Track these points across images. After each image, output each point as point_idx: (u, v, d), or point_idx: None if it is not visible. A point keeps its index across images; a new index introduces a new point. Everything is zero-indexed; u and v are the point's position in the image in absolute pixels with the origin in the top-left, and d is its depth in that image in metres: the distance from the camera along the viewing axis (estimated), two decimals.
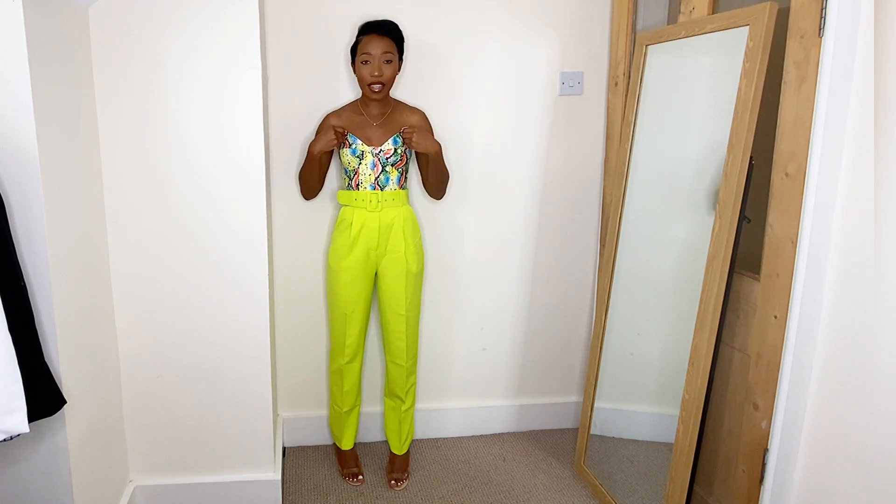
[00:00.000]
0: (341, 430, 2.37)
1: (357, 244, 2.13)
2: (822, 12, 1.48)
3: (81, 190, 1.70)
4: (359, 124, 2.12)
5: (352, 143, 2.09)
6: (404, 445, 2.36)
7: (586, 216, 2.55)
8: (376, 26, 2.05)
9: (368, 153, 2.09)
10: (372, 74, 2.02)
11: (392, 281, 2.17)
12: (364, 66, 2.03)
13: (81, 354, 1.68)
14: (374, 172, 2.10)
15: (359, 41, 2.05)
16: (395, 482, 2.27)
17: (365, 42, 2.03)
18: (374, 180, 2.10)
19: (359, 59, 2.04)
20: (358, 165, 2.10)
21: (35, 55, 1.41)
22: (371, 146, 2.09)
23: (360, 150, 2.09)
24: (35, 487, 1.60)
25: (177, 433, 2.02)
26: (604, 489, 2.15)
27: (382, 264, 2.17)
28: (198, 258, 1.93)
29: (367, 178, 2.10)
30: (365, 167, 2.09)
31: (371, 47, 2.02)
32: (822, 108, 1.48)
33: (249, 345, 2.00)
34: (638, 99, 2.11)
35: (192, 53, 1.81)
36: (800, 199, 1.56)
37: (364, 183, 2.10)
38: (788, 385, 1.60)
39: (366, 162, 2.09)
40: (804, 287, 1.55)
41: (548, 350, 2.65)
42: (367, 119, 2.13)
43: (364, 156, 2.09)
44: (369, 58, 2.02)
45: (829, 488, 1.49)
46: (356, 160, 2.09)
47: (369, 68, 2.02)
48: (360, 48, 2.04)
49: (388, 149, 2.09)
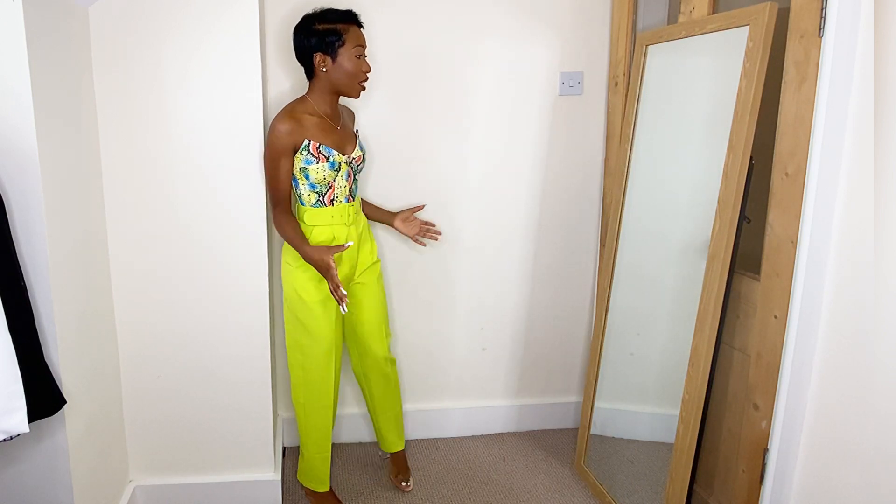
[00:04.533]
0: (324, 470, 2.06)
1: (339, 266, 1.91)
2: (822, 12, 1.48)
3: (81, 190, 1.70)
4: (325, 130, 1.86)
5: (328, 156, 1.83)
6: (399, 440, 2.22)
7: (586, 216, 2.55)
8: (355, 16, 1.84)
9: (343, 163, 1.87)
10: (367, 70, 1.85)
11: (371, 292, 2.04)
12: (359, 59, 1.82)
13: (81, 354, 1.68)
14: (347, 183, 1.91)
15: (342, 30, 1.80)
16: (405, 484, 2.17)
17: (355, 33, 1.82)
18: (348, 192, 1.92)
19: (350, 52, 1.80)
20: (334, 179, 1.87)
21: (35, 55, 1.41)
22: (345, 155, 1.88)
23: (337, 161, 1.85)
24: (35, 487, 1.60)
25: (177, 433, 2.03)
26: (604, 489, 2.15)
27: (358, 279, 2.01)
28: (198, 258, 1.93)
29: (342, 191, 1.89)
30: (341, 179, 1.88)
31: (362, 39, 1.83)
32: (822, 108, 1.48)
33: (249, 345, 2.00)
34: (638, 99, 2.11)
35: (192, 53, 1.81)
36: (800, 199, 1.56)
37: (339, 196, 1.89)
38: (788, 385, 1.60)
39: (342, 173, 1.88)
40: (804, 287, 1.55)
41: (548, 350, 2.65)
42: (331, 123, 1.89)
43: (340, 167, 1.87)
44: (363, 51, 1.83)
45: (829, 488, 1.49)
46: (333, 173, 1.85)
47: (363, 62, 1.83)
48: (351, 39, 1.80)
49: (357, 155, 1.93)
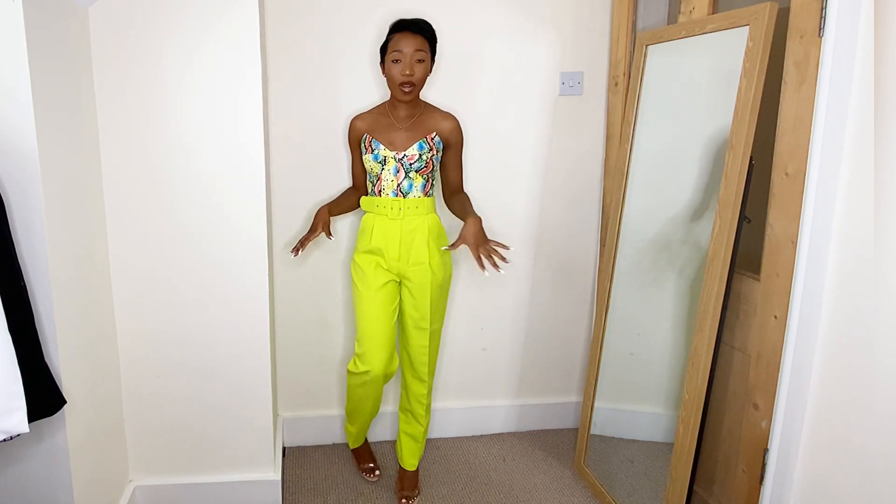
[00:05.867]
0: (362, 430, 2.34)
1: (376, 253, 2.05)
2: (822, 12, 1.48)
3: (81, 190, 1.70)
4: (384, 127, 2.03)
5: (374, 148, 2.01)
6: (416, 461, 2.28)
7: (586, 216, 2.55)
8: (409, 24, 1.95)
9: (391, 158, 2.00)
10: (403, 73, 1.91)
11: (415, 293, 2.07)
12: (395, 64, 1.92)
13: (81, 355, 1.68)
14: (396, 178, 2.01)
15: (390, 39, 1.95)
16: (407, 500, 2.19)
17: (397, 39, 1.92)
18: (396, 187, 2.01)
19: (389, 58, 1.93)
20: (381, 171, 2.01)
21: (35, 55, 1.41)
22: (394, 151, 2.00)
23: (383, 155, 2.00)
24: (35, 487, 1.60)
25: (177, 433, 2.02)
26: (604, 489, 2.15)
27: (405, 276, 2.07)
28: (198, 258, 1.93)
29: (389, 185, 2.02)
30: (387, 173, 2.01)
31: (403, 45, 1.91)
32: (822, 108, 1.48)
33: (249, 345, 2.00)
34: (638, 99, 2.11)
35: (192, 53, 1.81)
36: (800, 199, 1.56)
37: (386, 189, 2.02)
38: (788, 385, 1.60)
39: (388, 167, 2.01)
40: (804, 287, 1.55)
41: (548, 350, 2.65)
42: (394, 122, 2.03)
43: (387, 161, 2.00)
44: (401, 56, 1.91)
45: (829, 488, 1.49)
46: (378, 165, 2.01)
47: (400, 67, 1.91)
48: (391, 46, 1.93)
49: (412, 154, 1.99)
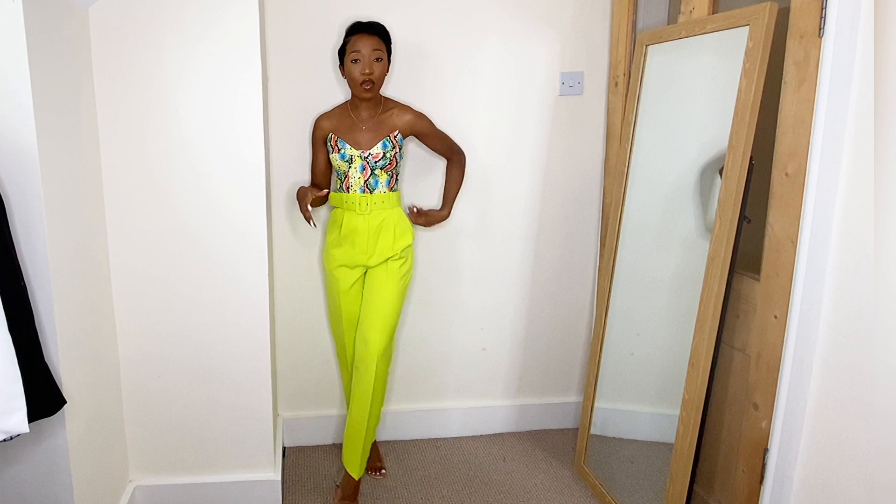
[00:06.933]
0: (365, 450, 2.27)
1: (345, 245, 2.13)
2: (822, 12, 1.48)
3: (81, 190, 1.70)
4: (348, 127, 2.11)
5: (341, 148, 2.09)
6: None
7: (586, 216, 2.55)
8: (366, 26, 2.05)
9: (357, 157, 2.08)
10: (363, 72, 2.00)
11: (379, 284, 2.13)
12: (354, 64, 2.01)
13: (81, 354, 1.68)
14: (362, 176, 2.09)
15: (347, 41, 2.04)
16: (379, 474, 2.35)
17: (354, 41, 2.02)
18: (363, 183, 2.10)
19: (348, 59, 2.02)
20: (347, 169, 2.09)
21: (35, 55, 1.41)
22: (360, 150, 2.08)
23: (349, 154, 2.08)
24: (35, 487, 1.60)
25: (177, 433, 2.02)
26: (604, 489, 2.15)
27: (370, 267, 2.14)
28: (198, 258, 1.93)
29: (356, 182, 2.10)
30: (354, 170, 2.09)
31: (361, 45, 2.01)
32: (822, 108, 1.48)
33: (249, 345, 2.00)
34: (638, 99, 2.11)
35: (192, 53, 1.81)
36: (800, 199, 1.56)
37: (354, 186, 2.10)
38: (788, 385, 1.60)
39: (355, 165, 2.09)
40: (804, 287, 1.55)
41: (548, 350, 2.65)
42: (356, 122, 2.12)
43: (353, 160, 2.08)
44: (359, 56, 2.00)
45: (829, 488, 1.49)
46: (345, 164, 2.09)
47: (360, 66, 2.01)
48: (349, 47, 2.03)
49: (376, 153, 2.08)
